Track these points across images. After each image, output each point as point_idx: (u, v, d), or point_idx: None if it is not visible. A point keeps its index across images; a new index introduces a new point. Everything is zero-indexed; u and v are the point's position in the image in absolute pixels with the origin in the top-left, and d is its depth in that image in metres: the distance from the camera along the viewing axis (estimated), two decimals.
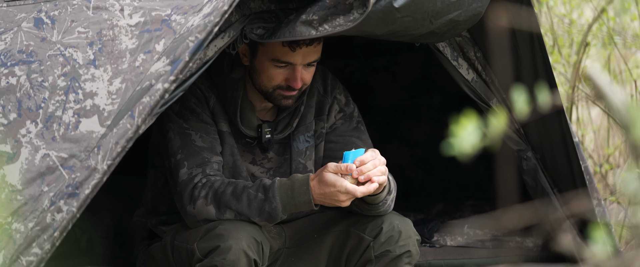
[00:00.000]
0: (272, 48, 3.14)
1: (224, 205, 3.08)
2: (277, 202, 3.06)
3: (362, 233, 3.23)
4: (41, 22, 2.95)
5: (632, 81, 5.41)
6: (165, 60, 2.76)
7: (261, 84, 3.21)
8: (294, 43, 3.11)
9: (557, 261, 3.60)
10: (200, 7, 2.84)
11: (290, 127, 3.34)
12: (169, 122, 3.21)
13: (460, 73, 3.42)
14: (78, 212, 2.68)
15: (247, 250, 3.02)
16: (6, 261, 2.65)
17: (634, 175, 1.76)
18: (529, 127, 3.50)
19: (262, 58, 3.17)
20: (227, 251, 3.01)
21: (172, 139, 3.20)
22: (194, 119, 3.21)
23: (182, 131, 3.19)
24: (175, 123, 3.20)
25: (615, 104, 1.73)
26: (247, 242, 3.03)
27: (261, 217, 3.08)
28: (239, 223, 3.09)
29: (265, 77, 3.19)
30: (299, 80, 3.17)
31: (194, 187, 3.12)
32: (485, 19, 3.15)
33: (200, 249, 3.06)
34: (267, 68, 3.17)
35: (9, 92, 2.84)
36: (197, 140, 3.19)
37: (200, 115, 3.21)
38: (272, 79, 3.18)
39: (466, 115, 1.70)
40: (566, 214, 3.55)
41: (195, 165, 3.15)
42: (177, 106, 3.20)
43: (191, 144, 3.18)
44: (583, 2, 6.01)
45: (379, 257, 3.21)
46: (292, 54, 3.13)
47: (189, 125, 3.20)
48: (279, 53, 3.14)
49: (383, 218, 3.23)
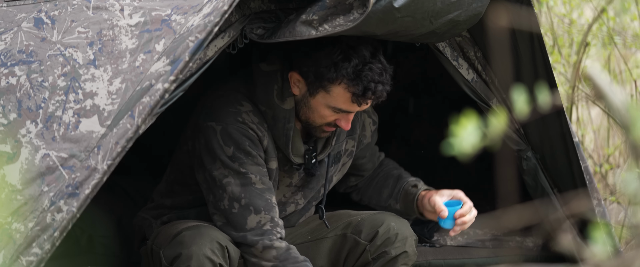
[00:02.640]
0: (335, 99, 3.12)
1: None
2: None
3: (358, 237, 3.25)
4: (41, 22, 2.95)
5: (632, 81, 5.40)
6: (165, 60, 2.76)
7: (310, 118, 3.18)
8: (363, 99, 3.09)
9: (557, 261, 3.60)
10: (200, 7, 2.84)
11: (329, 147, 3.32)
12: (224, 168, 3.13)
13: (460, 73, 3.42)
14: (78, 212, 2.68)
15: (210, 255, 3.01)
16: (6, 261, 2.65)
17: (634, 175, 1.76)
18: (529, 127, 3.50)
19: (321, 101, 3.14)
20: (190, 258, 3.00)
21: (231, 183, 3.12)
22: (250, 162, 3.13)
23: (240, 176, 3.12)
24: (230, 168, 3.12)
25: (615, 104, 1.73)
26: (210, 246, 3.02)
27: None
28: (203, 228, 3.07)
29: (317, 115, 3.17)
30: (349, 124, 3.19)
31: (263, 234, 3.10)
32: (485, 19, 3.15)
33: (165, 256, 3.06)
34: (322, 110, 3.15)
35: (9, 92, 2.84)
36: (257, 182, 3.14)
37: (256, 158, 3.15)
38: (324, 118, 3.17)
39: (466, 115, 1.70)
40: (566, 214, 3.55)
41: (263, 209, 3.11)
42: (229, 150, 3.13)
43: (252, 187, 3.12)
44: (583, 2, 6.01)
45: (376, 259, 3.23)
46: (357, 107, 3.14)
47: (247, 169, 3.13)
48: (342, 104, 3.13)
49: (380, 220, 3.25)
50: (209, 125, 3.14)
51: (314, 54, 3.09)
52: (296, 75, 3.15)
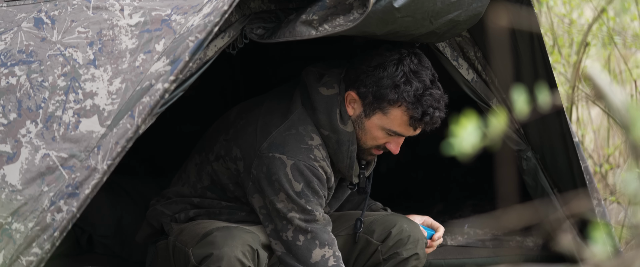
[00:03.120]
0: (392, 121, 3.14)
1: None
2: None
3: (371, 237, 3.26)
4: (41, 22, 2.94)
5: (632, 81, 5.40)
6: (165, 60, 2.76)
7: (361, 140, 3.20)
8: (419, 123, 3.13)
9: (557, 261, 3.60)
10: (200, 7, 2.84)
11: (373, 163, 3.35)
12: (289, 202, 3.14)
13: (460, 73, 3.42)
14: (78, 212, 2.68)
15: (241, 258, 3.01)
16: (6, 261, 2.65)
17: (634, 175, 1.76)
18: (529, 127, 3.50)
19: (377, 122, 3.16)
20: (221, 259, 3.00)
21: (296, 218, 3.13)
22: (316, 201, 3.15)
23: (306, 212, 3.14)
24: (296, 203, 3.13)
25: (615, 104, 1.73)
26: (241, 249, 3.02)
27: None
28: (234, 230, 3.08)
29: (370, 137, 3.18)
30: (399, 147, 3.21)
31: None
32: (485, 19, 3.15)
33: (195, 255, 3.06)
34: (375, 132, 3.17)
35: (9, 92, 2.84)
36: (320, 220, 3.16)
37: (321, 199, 3.17)
38: (375, 140, 3.19)
39: (466, 115, 1.70)
40: (566, 214, 3.55)
41: (327, 244, 3.15)
42: (299, 186, 3.13)
43: (316, 223, 3.15)
44: (583, 2, 6.01)
45: (387, 259, 3.24)
46: (412, 131, 3.17)
47: (312, 207, 3.14)
48: (398, 127, 3.15)
49: (392, 222, 3.27)
50: (277, 157, 3.13)
51: (375, 75, 3.10)
52: (353, 95, 3.16)
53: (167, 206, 3.34)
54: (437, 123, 3.16)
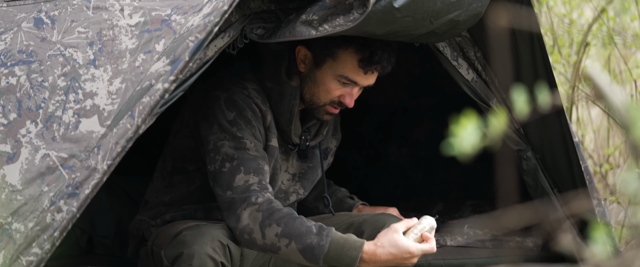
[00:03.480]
0: (343, 66, 3.16)
1: (274, 219, 3.00)
2: (327, 242, 2.98)
3: (361, 237, 3.25)
4: (41, 22, 2.95)
5: (632, 81, 5.41)
6: (165, 60, 2.76)
7: (315, 95, 3.21)
8: (369, 66, 3.14)
9: (557, 261, 3.60)
10: (200, 7, 2.84)
11: (320, 135, 3.38)
12: (221, 131, 3.14)
13: (460, 73, 3.42)
14: (78, 212, 2.68)
15: (211, 254, 3.00)
16: (6, 261, 2.65)
17: (634, 175, 1.76)
18: (529, 127, 3.50)
19: (328, 71, 3.18)
20: (191, 257, 2.99)
21: (225, 145, 3.13)
22: (248, 130, 3.15)
23: (236, 140, 3.14)
24: (228, 132, 3.14)
25: (615, 104, 1.73)
26: (211, 245, 3.01)
27: (304, 246, 2.98)
28: (203, 227, 3.07)
29: (323, 90, 3.20)
30: (353, 100, 3.21)
31: (250, 194, 3.06)
32: (485, 19, 3.15)
33: (166, 256, 3.06)
34: (328, 82, 3.18)
35: (9, 92, 2.84)
36: (251, 149, 3.15)
37: (254, 129, 3.17)
38: (329, 93, 3.20)
39: (466, 115, 1.70)
40: (566, 214, 3.55)
41: (252, 171, 3.10)
42: (231, 114, 3.15)
43: (245, 151, 3.13)
44: (583, 2, 6.01)
45: None
46: (363, 76, 3.17)
47: (243, 134, 3.14)
48: (350, 71, 3.16)
49: (382, 221, 3.26)
50: (213, 94, 3.19)
51: None
52: (303, 50, 3.20)
53: (144, 213, 3.39)
54: (388, 68, 3.18)
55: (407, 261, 3.02)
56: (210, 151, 3.15)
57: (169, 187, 3.36)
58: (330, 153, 3.54)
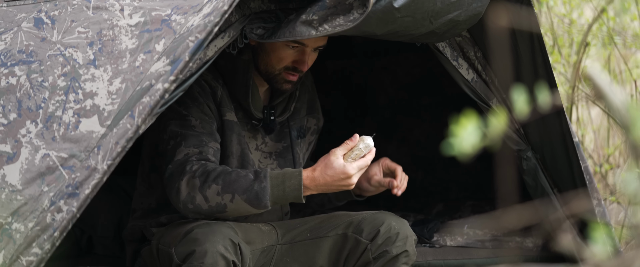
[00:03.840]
0: None
1: (211, 179, 3.05)
2: (267, 182, 3.04)
3: (360, 236, 3.25)
4: (41, 22, 2.95)
5: (632, 81, 5.41)
6: (165, 60, 2.76)
7: (269, 64, 3.22)
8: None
9: (557, 261, 3.60)
10: (200, 7, 2.84)
11: (288, 111, 3.39)
12: (169, 111, 3.18)
13: (460, 73, 3.42)
14: (78, 212, 2.68)
15: (224, 252, 3.01)
16: (6, 261, 2.65)
17: (634, 175, 1.76)
18: (529, 127, 3.50)
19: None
20: (204, 255, 3.00)
21: (171, 124, 3.18)
22: (195, 108, 3.20)
23: (182, 117, 3.18)
24: (175, 111, 3.19)
25: (615, 104, 1.73)
26: (223, 244, 3.02)
27: (248, 194, 3.04)
28: (215, 225, 3.08)
29: (275, 57, 3.20)
30: (307, 63, 3.21)
31: (186, 164, 3.10)
32: (485, 19, 3.15)
33: (177, 254, 3.06)
34: (277, 48, 3.19)
35: (9, 92, 2.84)
36: (197, 126, 3.18)
37: (202, 106, 3.21)
38: (281, 60, 3.21)
39: (466, 115, 1.70)
40: (566, 214, 3.55)
41: (193, 145, 3.14)
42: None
43: (190, 128, 3.17)
44: (583, 2, 6.01)
45: (376, 258, 3.23)
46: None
47: (189, 112, 3.19)
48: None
49: (381, 220, 3.25)
50: None
51: None
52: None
53: (136, 220, 3.41)
54: None
55: (345, 181, 3.06)
56: (161, 131, 3.21)
57: (150, 188, 3.38)
58: (309, 132, 3.52)
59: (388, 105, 4.72)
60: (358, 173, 3.07)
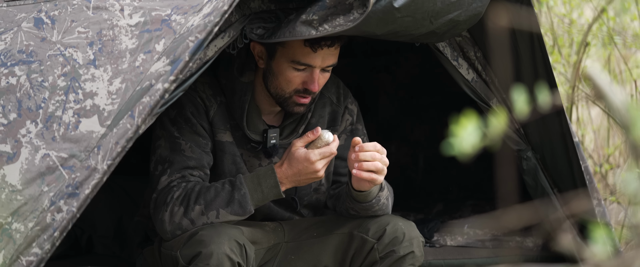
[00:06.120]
0: (292, 49, 3.11)
1: (192, 202, 3.07)
2: (245, 189, 3.07)
3: (366, 235, 3.24)
4: (41, 22, 2.95)
5: (632, 81, 5.41)
6: (165, 60, 2.76)
7: (278, 87, 3.17)
8: (316, 44, 3.08)
9: (557, 261, 3.60)
10: (200, 7, 2.85)
11: (296, 133, 3.32)
12: (162, 128, 3.18)
13: (460, 73, 3.42)
14: (78, 212, 2.68)
15: (229, 254, 3.01)
16: (6, 261, 2.65)
17: (634, 175, 1.76)
18: (529, 127, 3.50)
19: (281, 60, 3.13)
20: (209, 257, 3.00)
21: (161, 146, 3.17)
22: (187, 129, 3.18)
23: (172, 140, 3.17)
24: (167, 130, 3.18)
25: (615, 104, 1.73)
26: (229, 245, 3.02)
27: (232, 207, 3.07)
28: (220, 227, 3.08)
29: (283, 80, 3.15)
30: (317, 84, 3.15)
31: (168, 193, 3.11)
32: (485, 19, 3.15)
33: (183, 256, 3.06)
34: (285, 70, 3.14)
35: (9, 92, 2.84)
36: (186, 150, 3.16)
37: (195, 126, 3.18)
38: (289, 82, 3.15)
39: (466, 115, 1.70)
40: (566, 214, 3.55)
41: (177, 171, 3.14)
42: (173, 112, 3.17)
43: (180, 153, 3.16)
44: (583, 2, 6.01)
45: (383, 258, 3.22)
46: (313, 55, 3.10)
47: (181, 134, 3.17)
48: (299, 55, 3.10)
49: (387, 220, 3.25)
50: None
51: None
52: (258, 46, 3.17)
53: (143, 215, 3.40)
54: (336, 41, 3.12)
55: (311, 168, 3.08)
56: (152, 151, 3.20)
57: None
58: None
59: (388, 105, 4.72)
60: (322, 160, 3.08)
